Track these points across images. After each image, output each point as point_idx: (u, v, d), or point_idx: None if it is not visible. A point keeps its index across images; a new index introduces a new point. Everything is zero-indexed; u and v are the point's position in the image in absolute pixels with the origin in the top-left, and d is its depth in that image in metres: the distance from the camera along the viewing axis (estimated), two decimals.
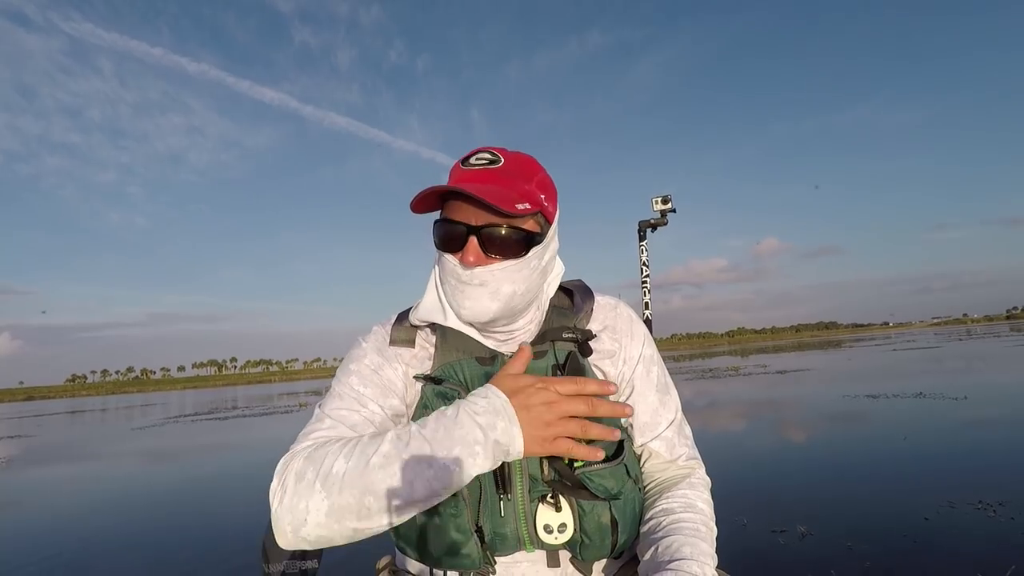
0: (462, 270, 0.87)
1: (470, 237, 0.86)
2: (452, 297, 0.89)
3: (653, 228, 5.69)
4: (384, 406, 0.90)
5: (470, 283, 0.87)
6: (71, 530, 4.91)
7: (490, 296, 0.87)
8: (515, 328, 0.95)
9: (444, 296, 0.92)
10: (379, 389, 0.91)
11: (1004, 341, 26.90)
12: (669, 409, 0.99)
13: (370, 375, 0.92)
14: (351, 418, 0.87)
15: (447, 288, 0.90)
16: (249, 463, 8.09)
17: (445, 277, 0.90)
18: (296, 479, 0.76)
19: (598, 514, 0.87)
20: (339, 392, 0.92)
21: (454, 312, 0.91)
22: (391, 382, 0.93)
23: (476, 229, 0.86)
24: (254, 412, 18.61)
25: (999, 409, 7.06)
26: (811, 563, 2.79)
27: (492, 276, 0.87)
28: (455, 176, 0.89)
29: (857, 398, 9.16)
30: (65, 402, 68.13)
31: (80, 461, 10.04)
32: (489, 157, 0.89)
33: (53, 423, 23.26)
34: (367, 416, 0.88)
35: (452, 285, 0.89)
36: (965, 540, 2.94)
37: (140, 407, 32.54)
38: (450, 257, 0.88)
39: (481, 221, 0.86)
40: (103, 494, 6.59)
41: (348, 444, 0.78)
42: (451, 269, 0.88)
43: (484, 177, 0.87)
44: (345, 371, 0.95)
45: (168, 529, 4.64)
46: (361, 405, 0.89)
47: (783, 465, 5.12)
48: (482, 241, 0.86)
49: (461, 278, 0.87)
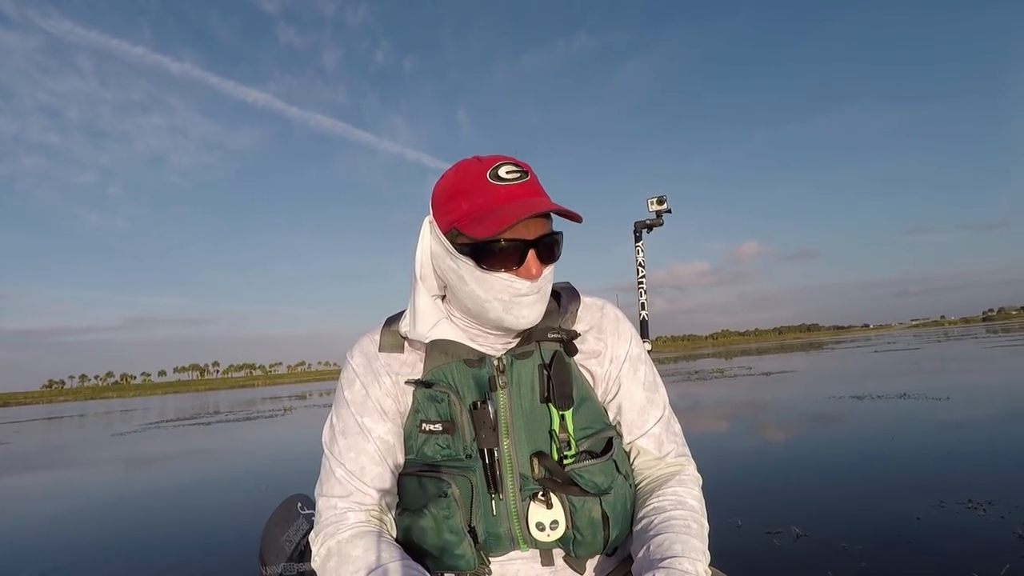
0: (523, 284, 0.87)
1: (529, 251, 0.87)
2: (504, 312, 0.89)
3: (649, 229, 5.72)
4: (384, 430, 0.94)
5: (530, 294, 0.88)
6: (53, 540, 4.76)
7: (542, 300, 0.91)
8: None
9: (486, 313, 0.90)
10: (375, 414, 0.94)
11: (981, 342, 27.42)
12: (656, 406, 1.00)
13: (364, 401, 0.95)
14: (360, 462, 0.92)
15: (494, 305, 0.88)
16: (236, 468, 7.96)
17: (490, 295, 0.88)
18: (322, 560, 0.87)
19: (589, 509, 0.89)
20: (342, 429, 0.95)
21: (508, 324, 0.90)
22: (381, 402, 0.94)
23: (535, 243, 0.87)
24: (238, 417, 18.34)
25: (981, 409, 7.17)
26: (806, 564, 2.79)
27: (546, 281, 0.91)
28: (492, 194, 0.86)
29: (843, 399, 9.25)
30: (42, 408, 66.70)
31: (60, 468, 9.78)
32: (519, 171, 0.88)
33: (30, 430, 22.70)
34: (375, 451, 0.93)
35: (504, 301, 0.88)
36: (957, 539, 2.96)
37: (120, 412, 31.91)
38: (504, 275, 0.87)
39: (535, 234, 0.87)
40: (86, 502, 6.41)
41: (367, 567, 0.83)
42: (506, 287, 0.87)
43: (529, 191, 0.88)
44: (341, 402, 0.97)
45: (158, 536, 4.53)
46: (365, 439, 0.93)
47: (775, 467, 5.14)
48: (539, 253, 0.88)
49: (521, 291, 0.87)
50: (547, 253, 0.89)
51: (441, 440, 0.91)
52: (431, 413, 0.92)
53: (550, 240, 0.89)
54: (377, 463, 0.92)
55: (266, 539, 1.13)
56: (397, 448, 0.95)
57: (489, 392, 0.91)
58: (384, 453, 0.93)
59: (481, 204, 0.86)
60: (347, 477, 0.91)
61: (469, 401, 0.91)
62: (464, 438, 0.90)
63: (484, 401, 0.90)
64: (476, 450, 0.90)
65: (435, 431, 0.91)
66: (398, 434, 0.95)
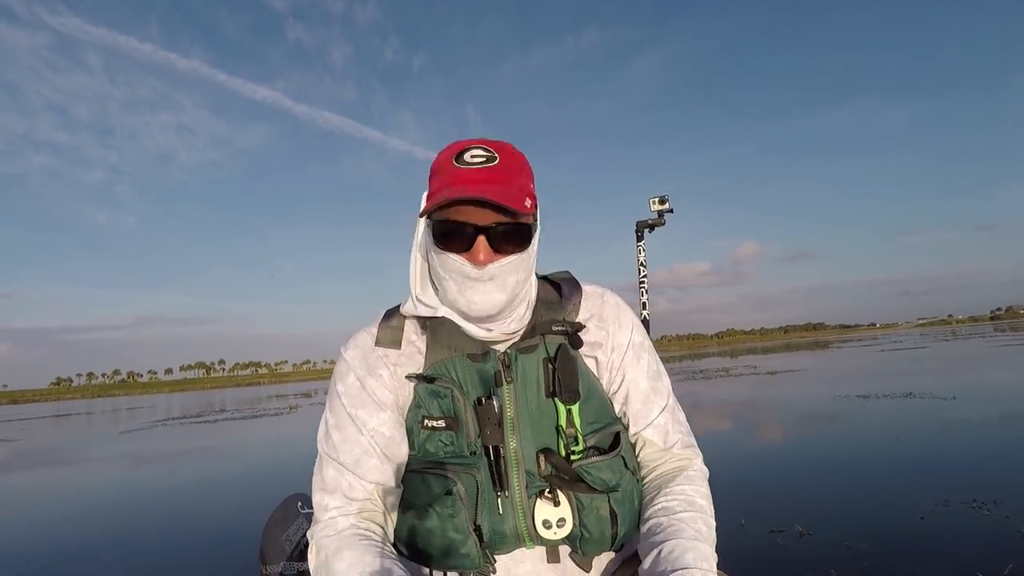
0: (471, 268, 0.86)
1: (478, 237, 0.85)
2: (458, 294, 0.88)
3: (651, 228, 5.69)
4: (380, 421, 0.91)
5: (480, 279, 0.86)
6: (60, 537, 4.81)
7: (499, 289, 0.88)
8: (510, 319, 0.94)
9: (445, 292, 0.91)
10: (371, 406, 0.92)
11: (989, 341, 27.24)
12: (661, 395, 1.00)
13: (358, 393, 0.93)
14: (354, 455, 0.90)
15: (448, 285, 0.89)
16: (240, 466, 8.00)
17: (447, 274, 0.89)
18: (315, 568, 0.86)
19: (596, 507, 0.88)
20: (335, 423, 0.93)
21: (459, 308, 0.89)
22: (377, 393, 0.92)
23: (484, 229, 0.86)
24: (243, 415, 18.42)
25: (988, 408, 7.12)
26: (810, 563, 2.79)
27: (501, 270, 0.87)
28: (450, 174, 0.87)
29: (848, 398, 9.21)
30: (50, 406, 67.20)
31: (67, 466, 9.87)
32: (485, 155, 0.87)
33: (38, 427, 22.90)
34: (368, 443, 0.90)
35: (458, 282, 0.88)
36: (962, 539, 2.95)
37: (127, 410, 32.14)
38: (455, 256, 0.87)
39: (487, 220, 0.86)
40: (93, 499, 6.47)
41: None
42: (456, 268, 0.87)
43: (485, 176, 0.86)
44: (334, 395, 0.95)
45: (163, 533, 4.56)
46: (359, 432, 0.90)
47: (779, 466, 5.13)
48: (490, 239, 0.86)
49: (470, 275, 0.86)
50: (502, 241, 0.87)
51: (444, 436, 0.89)
52: (433, 409, 0.90)
53: (505, 228, 0.86)
54: (372, 456, 0.90)
55: (266, 538, 1.14)
56: (396, 440, 0.92)
57: (494, 387, 0.89)
58: (381, 445, 0.90)
59: (439, 184, 0.88)
60: (339, 474, 0.89)
61: (473, 397, 0.89)
62: (469, 435, 0.88)
63: (489, 397, 0.88)
64: (481, 447, 0.88)
65: (438, 427, 0.89)
66: (397, 425, 0.92)
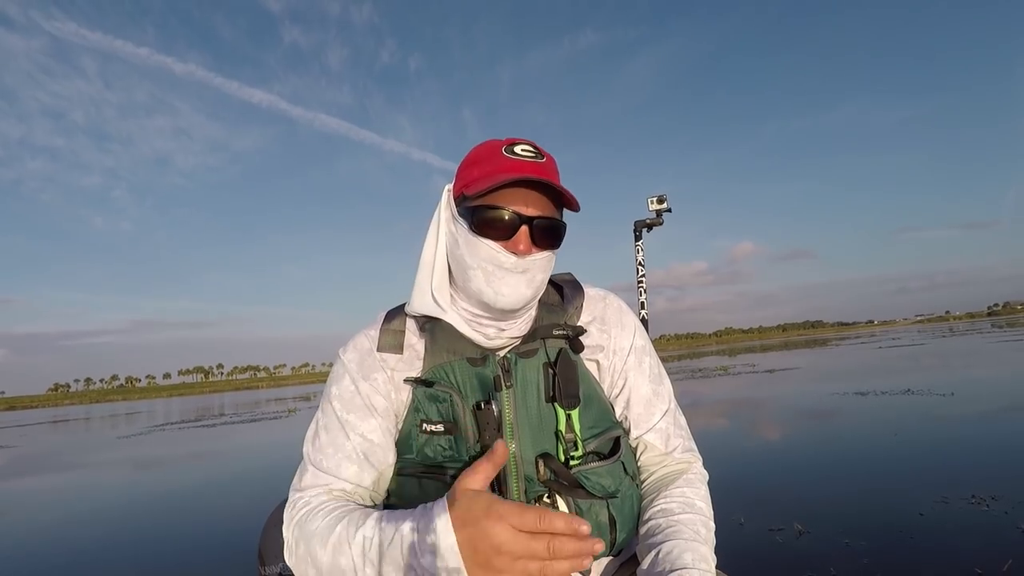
0: (507, 258, 0.86)
1: (522, 226, 0.86)
2: (485, 284, 0.88)
3: (649, 228, 5.70)
4: (369, 428, 0.90)
5: (514, 271, 0.87)
6: (61, 541, 4.79)
7: (527, 283, 0.88)
8: (522, 320, 0.94)
9: (468, 282, 0.90)
10: (362, 411, 0.91)
11: (987, 337, 27.28)
12: (663, 399, 0.99)
13: (351, 397, 0.92)
14: (336, 459, 0.88)
15: (474, 274, 0.88)
16: (238, 469, 7.99)
17: (476, 262, 0.88)
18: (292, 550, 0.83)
19: (596, 513, 0.87)
20: (324, 424, 0.92)
21: (484, 299, 0.89)
22: (370, 399, 0.91)
23: (528, 219, 0.86)
24: (242, 419, 18.37)
25: (986, 404, 7.14)
26: (809, 561, 2.79)
27: (535, 264, 0.88)
28: (502, 162, 0.87)
29: (846, 395, 9.23)
30: (48, 411, 66.92)
31: (65, 471, 9.83)
32: (534, 151, 0.89)
33: (36, 433, 22.81)
34: (352, 449, 0.89)
35: (487, 272, 0.87)
36: (961, 535, 2.96)
37: (125, 415, 32.02)
38: (492, 243, 0.86)
39: (534, 212, 0.87)
40: (91, 504, 6.45)
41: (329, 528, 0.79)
42: (491, 256, 0.87)
43: (537, 170, 0.87)
44: (327, 398, 0.94)
45: (162, 535, 4.56)
46: (345, 436, 0.90)
47: (778, 464, 5.13)
48: (532, 232, 0.86)
49: (504, 265, 0.86)
50: (543, 235, 0.87)
51: (443, 441, 0.88)
52: (432, 413, 0.89)
53: (549, 223, 0.87)
54: (354, 461, 0.88)
55: (265, 539, 1.14)
56: (383, 447, 0.91)
57: (493, 392, 0.89)
58: (364, 452, 0.89)
59: (488, 171, 0.87)
60: (316, 475, 0.88)
61: (472, 401, 0.88)
62: (468, 439, 0.87)
63: (488, 401, 0.87)
64: (480, 452, 0.87)
65: (436, 432, 0.88)
66: (386, 433, 0.91)
